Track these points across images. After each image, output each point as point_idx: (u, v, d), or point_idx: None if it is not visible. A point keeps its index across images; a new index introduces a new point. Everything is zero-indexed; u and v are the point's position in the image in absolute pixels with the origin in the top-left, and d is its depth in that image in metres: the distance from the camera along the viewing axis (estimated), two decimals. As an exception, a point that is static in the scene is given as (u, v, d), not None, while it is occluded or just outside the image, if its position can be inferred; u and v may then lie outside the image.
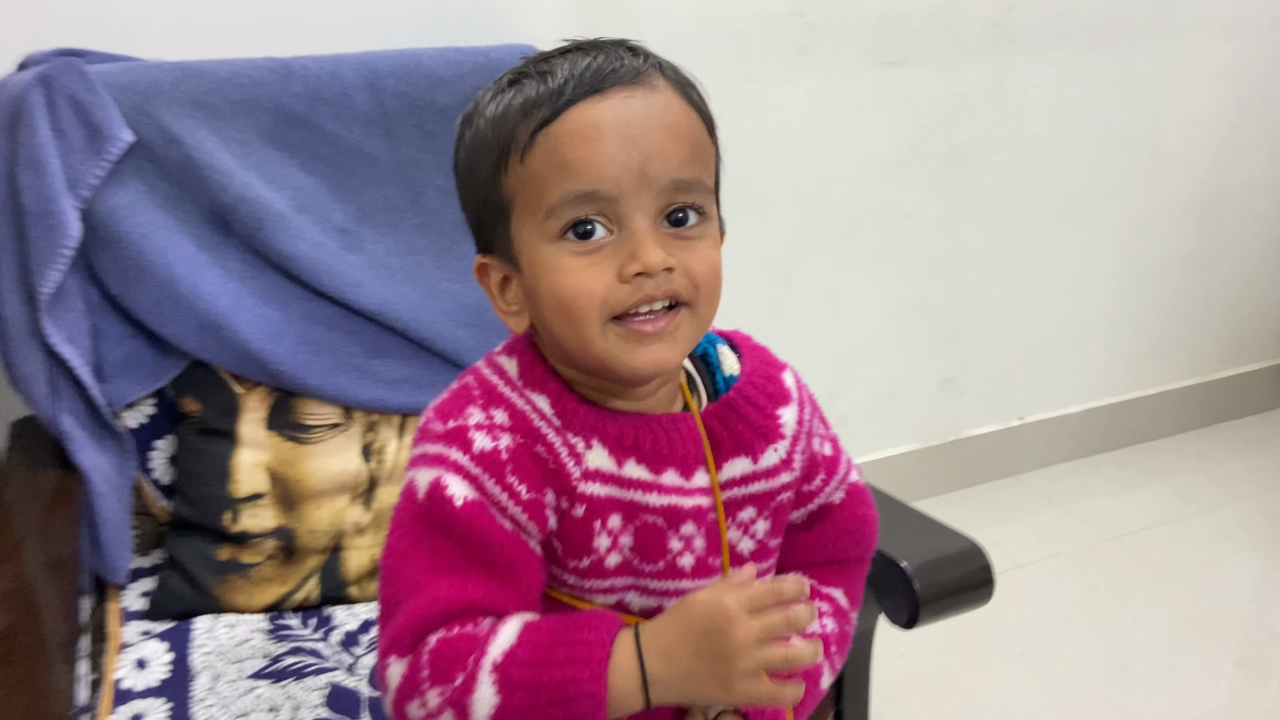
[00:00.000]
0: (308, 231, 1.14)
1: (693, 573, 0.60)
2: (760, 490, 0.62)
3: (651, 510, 0.58)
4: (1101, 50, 1.81)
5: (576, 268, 0.54)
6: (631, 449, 0.58)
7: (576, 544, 0.57)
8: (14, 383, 1.05)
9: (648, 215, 0.55)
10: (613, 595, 0.60)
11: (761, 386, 0.63)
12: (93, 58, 1.10)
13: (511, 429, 0.57)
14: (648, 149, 0.54)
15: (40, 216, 1.01)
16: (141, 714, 0.91)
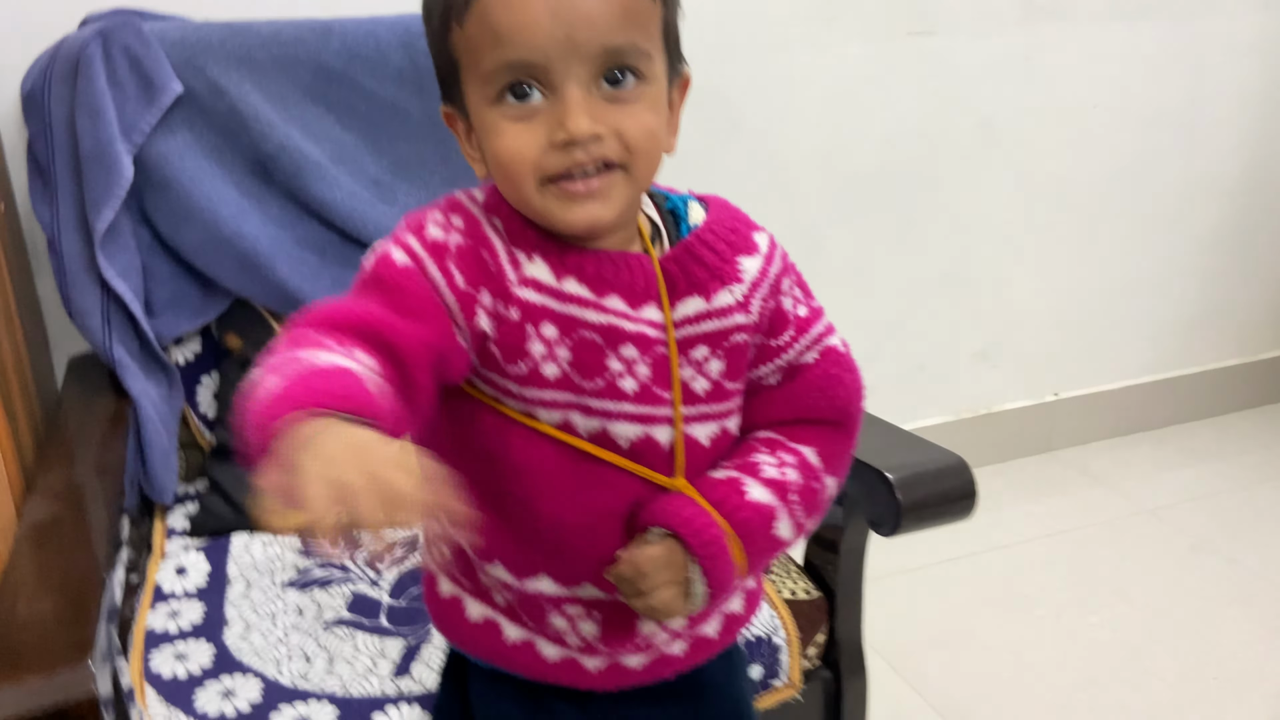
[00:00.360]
0: (344, 181, 1.21)
1: (635, 398, 0.62)
2: (713, 329, 0.64)
3: (589, 326, 0.61)
4: (1136, 22, 1.82)
5: (512, 132, 0.57)
6: (574, 269, 0.61)
7: (511, 347, 0.60)
8: (71, 315, 1.13)
9: (580, 82, 0.56)
10: (556, 411, 0.62)
11: (723, 235, 0.65)
12: (147, 16, 1.19)
13: (464, 231, 0.60)
14: (574, 18, 0.55)
15: (96, 159, 1.09)
16: (178, 611, 0.98)
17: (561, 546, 0.64)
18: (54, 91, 1.11)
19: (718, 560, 0.62)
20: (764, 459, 0.66)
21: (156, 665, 0.89)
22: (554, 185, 0.58)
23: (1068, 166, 1.88)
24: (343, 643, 0.93)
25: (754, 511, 0.64)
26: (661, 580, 0.62)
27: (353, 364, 0.53)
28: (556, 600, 0.66)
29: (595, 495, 0.64)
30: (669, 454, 0.64)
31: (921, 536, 1.79)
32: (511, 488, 0.63)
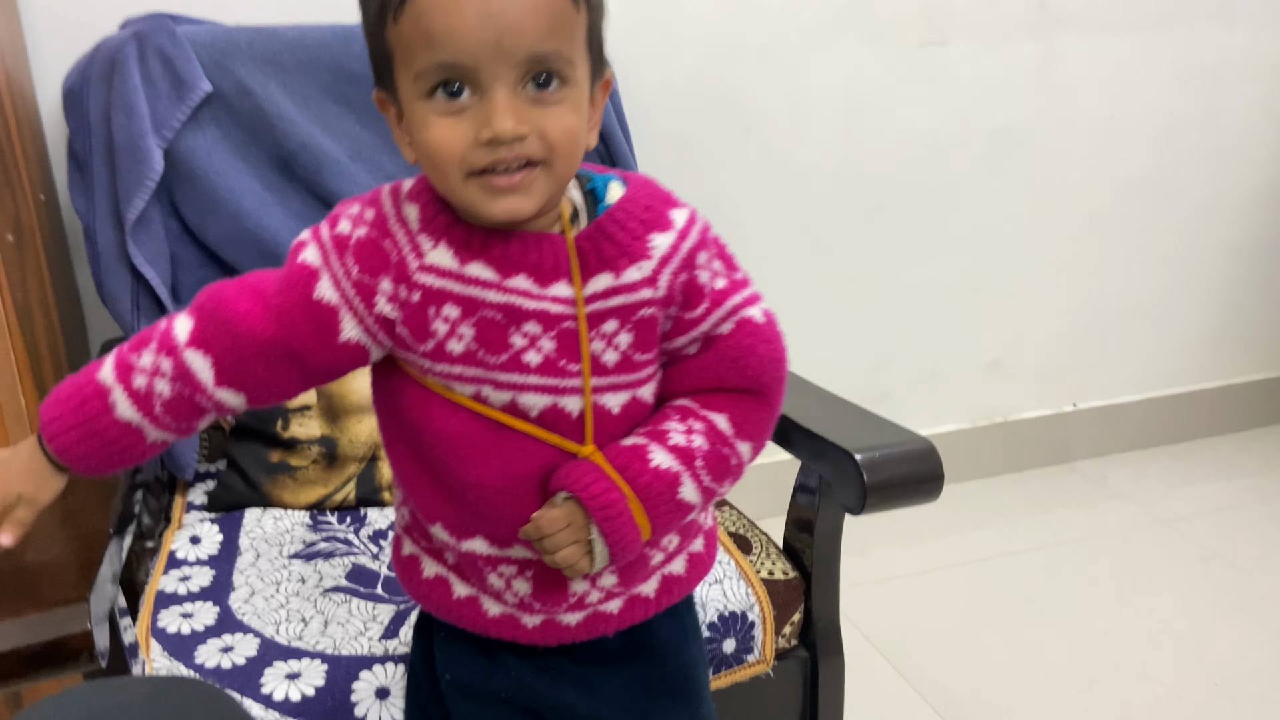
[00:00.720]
0: (361, 177, 1.27)
1: (539, 370, 0.67)
2: (621, 303, 0.67)
3: (490, 305, 0.65)
4: (1153, 33, 1.83)
5: (442, 126, 0.61)
6: (479, 252, 0.65)
7: (416, 327, 0.66)
8: (104, 299, 1.21)
9: (506, 84, 0.60)
10: (468, 385, 0.67)
11: (636, 214, 0.68)
12: (181, 20, 1.26)
13: (371, 223, 0.66)
14: (503, 24, 0.59)
15: (129, 151, 1.16)
16: (189, 576, 1.04)
17: (487, 509, 0.69)
18: (92, 89, 1.19)
19: (616, 522, 0.67)
20: (673, 426, 0.70)
21: (163, 622, 0.95)
22: (478, 178, 0.62)
23: (1085, 176, 1.90)
24: (338, 608, 0.98)
25: (655, 477, 0.68)
26: (564, 540, 0.67)
27: (116, 381, 0.67)
28: (491, 560, 0.72)
29: (512, 461, 0.68)
30: (579, 422, 0.68)
31: (933, 541, 1.83)
32: (438, 455, 0.69)
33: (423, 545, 0.76)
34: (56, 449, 0.67)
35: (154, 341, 0.67)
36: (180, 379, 0.66)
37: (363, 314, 0.66)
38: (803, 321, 1.79)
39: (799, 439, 0.97)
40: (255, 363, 0.66)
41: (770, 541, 1.09)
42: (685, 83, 1.59)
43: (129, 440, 0.68)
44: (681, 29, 1.56)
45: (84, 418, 0.67)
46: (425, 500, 0.71)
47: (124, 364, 0.67)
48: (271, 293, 0.67)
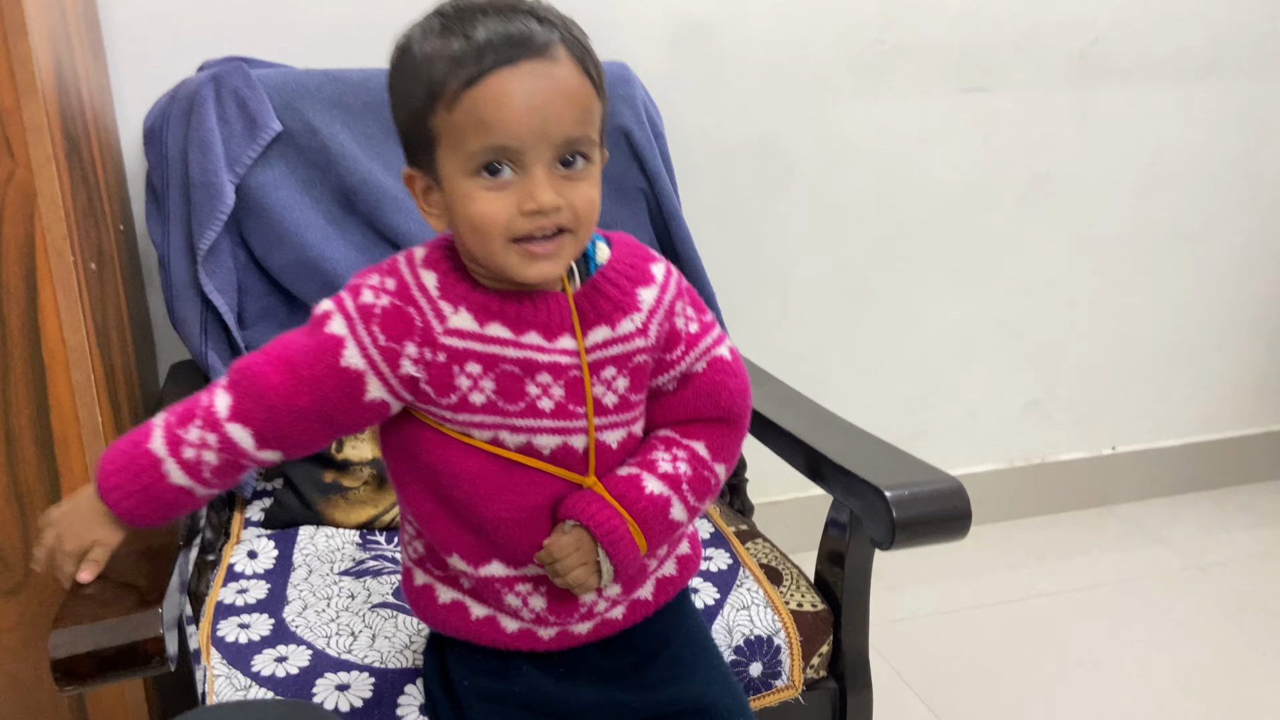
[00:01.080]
0: (416, 213, 1.33)
1: (552, 414, 0.76)
2: (618, 352, 0.77)
3: (508, 361, 0.75)
4: (1194, 82, 1.85)
5: (487, 199, 0.70)
6: (496, 314, 0.74)
7: (441, 384, 0.74)
8: (175, 324, 1.28)
9: (544, 163, 0.69)
10: (487, 430, 0.76)
11: (624, 271, 0.78)
12: (256, 64, 1.34)
13: (393, 293, 0.74)
14: (547, 114, 0.68)
15: (203, 186, 1.24)
16: (246, 589, 1.10)
17: (503, 538, 0.79)
18: (171, 127, 1.27)
19: (619, 544, 0.77)
20: (660, 456, 0.80)
21: (222, 631, 1.01)
22: (518, 245, 0.71)
23: (1124, 222, 1.92)
24: (385, 622, 1.03)
25: (650, 502, 0.78)
26: (575, 562, 0.77)
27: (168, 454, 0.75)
28: (508, 581, 0.81)
29: (525, 494, 0.78)
30: (584, 457, 0.78)
31: (969, 580, 1.84)
32: (456, 493, 0.78)
33: (437, 575, 0.85)
34: (118, 511, 0.76)
35: (198, 418, 0.76)
36: (225, 449, 0.75)
37: (387, 376, 0.74)
38: (842, 359, 1.83)
39: (831, 475, 1.01)
40: (290, 427, 0.75)
41: (801, 575, 1.12)
42: (730, 125, 1.64)
43: (182, 500, 0.77)
44: (727, 73, 1.62)
45: (140, 485, 0.76)
46: (442, 533, 0.80)
47: (173, 438, 0.76)
48: (301, 364, 0.74)
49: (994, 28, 1.71)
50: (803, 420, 1.11)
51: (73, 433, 1.07)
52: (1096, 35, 1.77)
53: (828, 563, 1.06)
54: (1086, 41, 1.77)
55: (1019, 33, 1.73)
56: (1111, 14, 1.77)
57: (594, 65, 0.72)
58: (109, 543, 0.79)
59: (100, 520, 0.78)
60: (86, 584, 0.80)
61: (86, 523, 0.79)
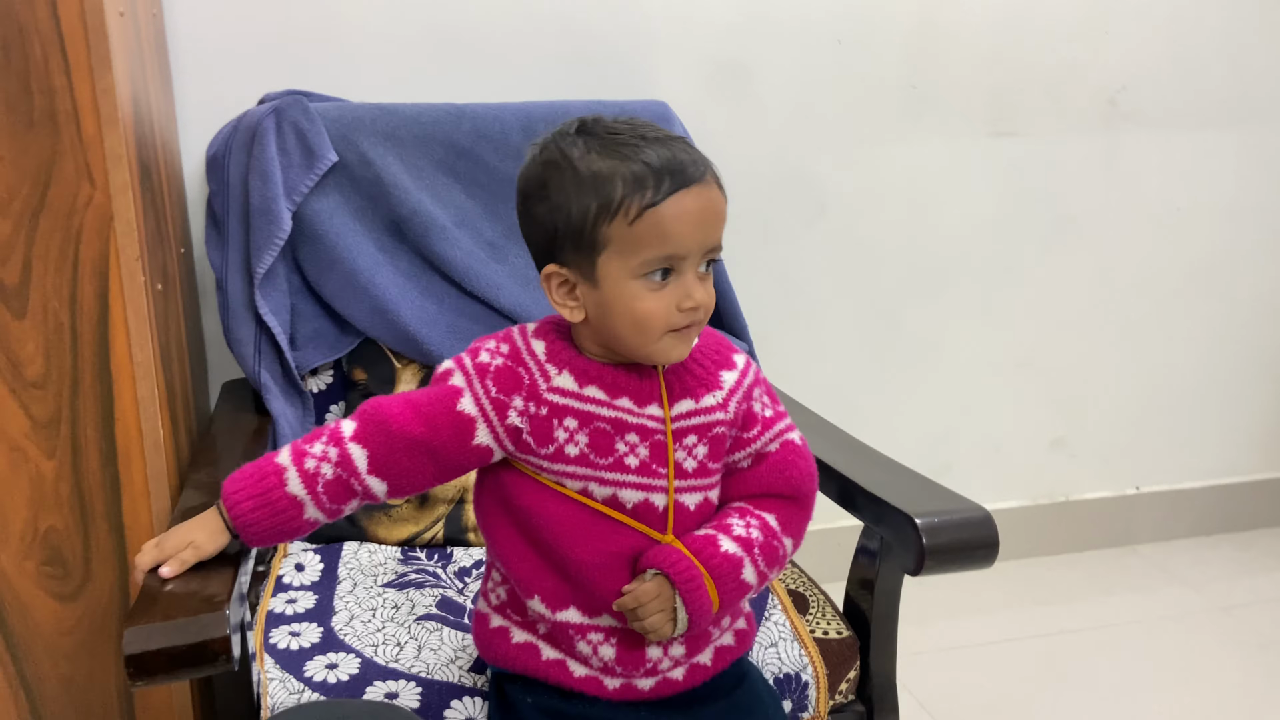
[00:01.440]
0: (464, 242, 1.38)
1: (637, 470, 0.85)
2: (700, 422, 0.87)
3: (602, 419, 0.85)
4: (1220, 128, 1.89)
5: (651, 299, 0.81)
6: (595, 379, 0.85)
7: (542, 435, 0.85)
8: (230, 344, 1.33)
9: (695, 267, 0.82)
10: (578, 481, 0.86)
11: (709, 355, 0.89)
12: (314, 97, 1.40)
13: (506, 355, 0.86)
14: (707, 229, 0.81)
15: (263, 213, 1.29)
16: (295, 599, 1.14)
17: (585, 581, 0.86)
18: (233, 156, 1.33)
19: (696, 595, 0.83)
20: (735, 521, 0.88)
21: (274, 639, 1.05)
22: (673, 334, 0.82)
23: (1150, 263, 1.95)
24: (430, 634, 1.07)
25: (724, 559, 0.85)
26: (655, 608, 0.84)
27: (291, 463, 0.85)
28: (582, 628, 0.88)
29: (609, 543, 0.86)
30: (663, 515, 0.87)
31: (993, 615, 1.86)
32: (546, 534, 0.86)
33: (515, 620, 0.92)
34: (234, 514, 0.85)
35: (325, 436, 0.86)
36: (341, 465, 0.84)
37: (495, 424, 0.85)
38: (871, 392, 1.86)
39: (863, 502, 1.04)
40: (401, 455, 0.84)
41: (828, 601, 1.15)
42: (764, 162, 1.69)
43: (291, 513, 0.85)
44: (762, 112, 1.67)
45: (261, 490, 0.84)
46: (528, 575, 0.88)
47: (298, 451, 0.86)
48: (423, 403, 0.85)
49: (1023, 73, 1.76)
50: (836, 449, 1.14)
51: (135, 446, 1.12)
52: (1124, 82, 1.81)
53: (858, 588, 1.09)
54: (1115, 88, 1.81)
55: (1048, 78, 1.78)
56: (1139, 61, 1.81)
57: (721, 182, 0.84)
58: (204, 548, 0.86)
59: (206, 524, 0.87)
60: (159, 583, 0.84)
61: (192, 526, 0.88)
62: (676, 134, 0.85)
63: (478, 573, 1.23)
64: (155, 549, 0.87)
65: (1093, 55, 1.79)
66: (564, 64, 1.55)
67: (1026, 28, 1.74)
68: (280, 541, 0.89)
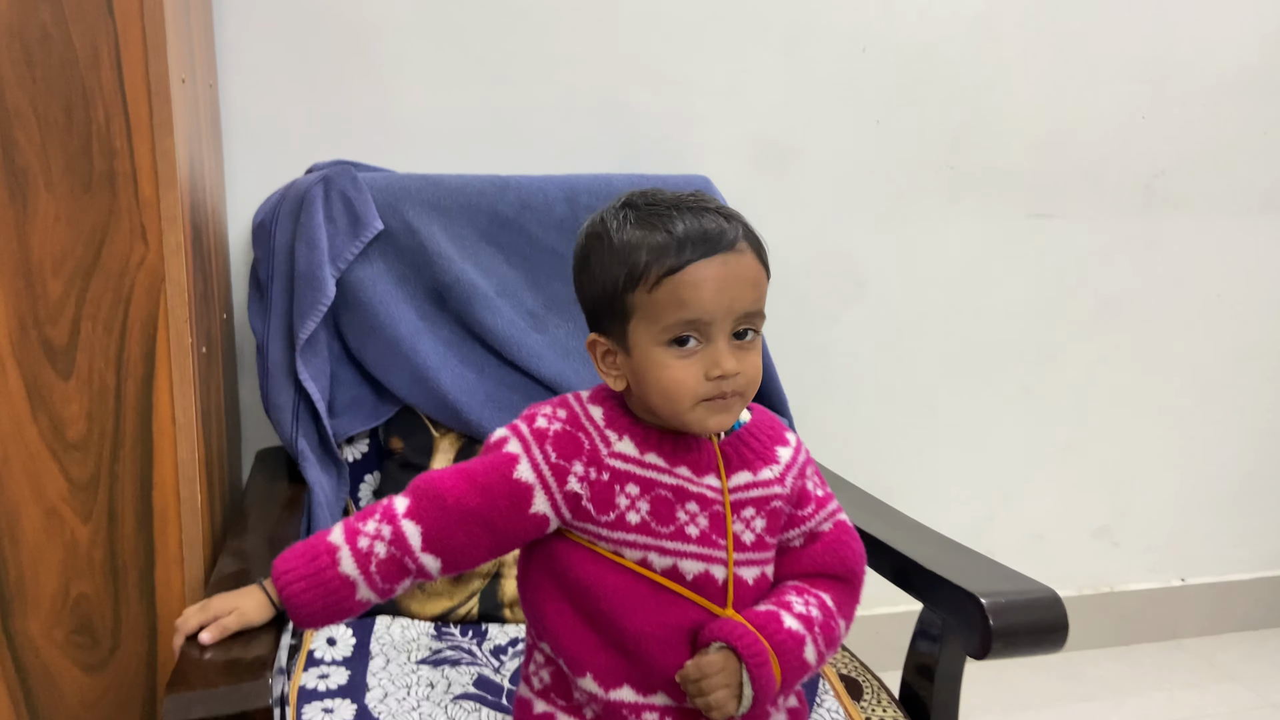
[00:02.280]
0: (505, 312, 1.37)
1: (698, 541, 0.83)
2: (758, 495, 0.86)
3: (663, 486, 0.83)
4: (1260, 214, 1.88)
5: (677, 367, 0.80)
6: (655, 446, 0.84)
7: (602, 500, 0.83)
8: (268, 409, 1.31)
9: (725, 334, 0.80)
10: (638, 550, 0.83)
11: (765, 431, 0.89)
12: (361, 167, 1.41)
13: (565, 420, 0.85)
14: (733, 295, 0.79)
15: (307, 279, 1.29)
16: (327, 675, 1.10)
17: (642, 654, 0.83)
18: (280, 223, 1.33)
19: (762, 671, 0.80)
20: (794, 599, 0.86)
21: (308, 715, 1.01)
22: (704, 403, 0.81)
23: (1192, 349, 1.92)
24: (469, 715, 1.02)
25: (789, 636, 0.82)
26: (719, 682, 0.80)
27: (344, 542, 0.83)
28: (636, 708, 0.84)
29: (668, 615, 0.83)
30: (722, 588, 0.84)
31: (1039, 712, 1.80)
32: (603, 607, 0.83)
33: (560, 704, 0.88)
34: (285, 595, 0.82)
35: (378, 514, 0.84)
36: (395, 543, 0.82)
37: (554, 490, 0.83)
38: (909, 475, 1.83)
39: (920, 581, 1.00)
40: (457, 529, 0.82)
41: (883, 687, 1.10)
42: (805, 240, 1.69)
43: (343, 594, 0.82)
44: (804, 191, 1.67)
45: (314, 570, 0.82)
46: (579, 651, 0.84)
47: (351, 530, 0.84)
48: (477, 473, 0.84)
49: (1061, 157, 1.76)
50: (889, 527, 1.11)
51: (172, 510, 1.09)
52: (1163, 167, 1.81)
53: (916, 675, 1.05)
54: (1153, 173, 1.81)
55: (1085, 162, 1.78)
56: (1177, 147, 1.81)
57: (764, 252, 0.83)
58: (249, 617, 0.84)
59: (252, 595, 0.85)
60: (197, 650, 0.81)
61: (239, 594, 0.86)
62: (721, 204, 0.85)
63: (514, 651, 1.18)
64: (200, 612, 0.85)
65: (1129, 140, 1.79)
66: (609, 139, 1.56)
67: (1064, 110, 1.75)
68: (331, 623, 0.86)
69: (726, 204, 0.87)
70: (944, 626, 1.00)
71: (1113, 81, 1.76)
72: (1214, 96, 1.81)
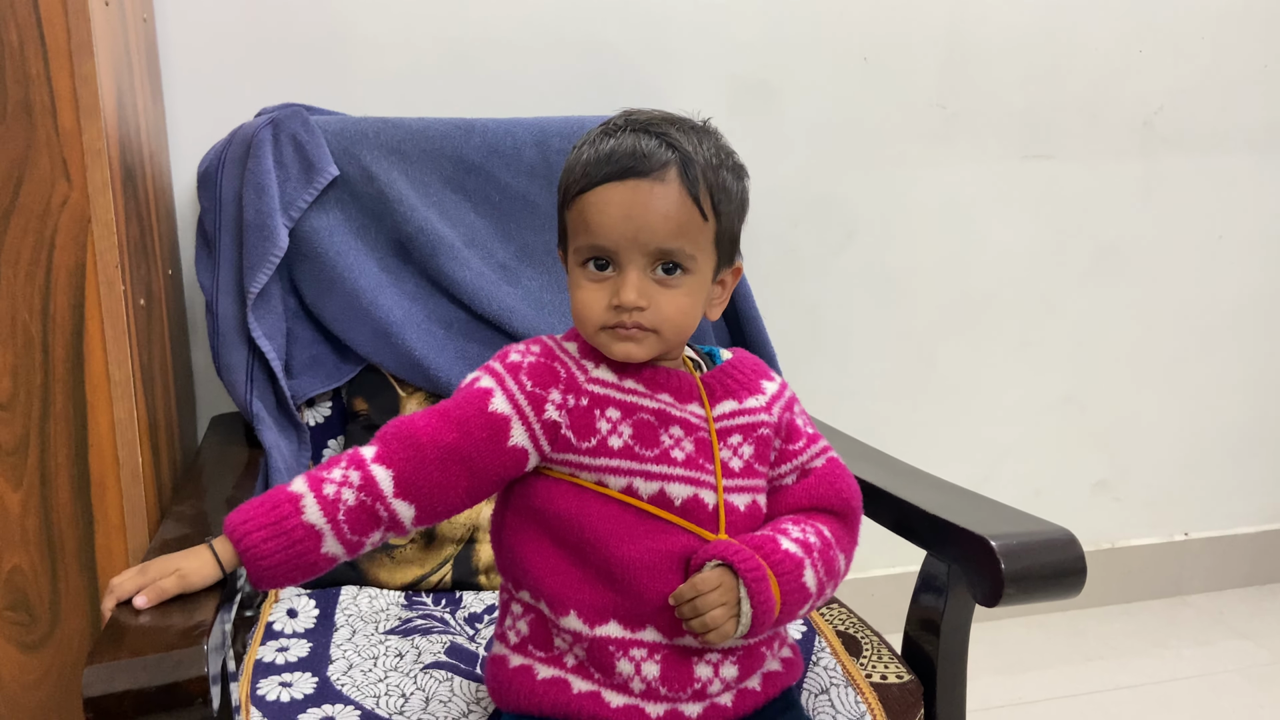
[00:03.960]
0: (474, 263, 1.29)
1: (684, 464, 0.79)
2: (744, 422, 0.83)
3: (645, 410, 0.80)
4: (1262, 152, 1.81)
5: (587, 289, 0.78)
6: (633, 374, 0.80)
7: (582, 426, 0.78)
8: (219, 370, 1.22)
9: (638, 265, 0.76)
10: (622, 477, 0.78)
11: (748, 366, 0.86)
12: (314, 111, 1.32)
13: (538, 354, 0.81)
14: (639, 225, 0.75)
15: (257, 228, 1.20)
16: (286, 648, 1.02)
17: (630, 583, 0.77)
18: (227, 170, 1.24)
19: (761, 585, 0.75)
20: (791, 526, 0.81)
21: (262, 690, 0.92)
22: (606, 330, 0.78)
23: (1193, 296, 1.85)
24: (440, 685, 0.94)
25: (786, 557, 0.77)
26: (716, 600, 0.75)
27: (308, 489, 0.76)
28: (623, 643, 0.78)
29: (657, 541, 0.78)
30: (714, 514, 0.79)
31: (1042, 671, 1.72)
32: (588, 536, 0.78)
33: (538, 655, 0.80)
34: (243, 547, 0.74)
35: (344, 461, 0.77)
36: (365, 489, 0.75)
37: (532, 421, 0.78)
38: (903, 430, 1.75)
39: (924, 527, 0.93)
40: (433, 469, 0.76)
41: (883, 642, 1.03)
42: (790, 188, 1.61)
43: (308, 545, 0.75)
44: (788, 134, 1.59)
45: (275, 519, 0.75)
46: (562, 589, 0.78)
47: (315, 477, 0.77)
48: (450, 409, 0.78)
49: (1056, 94, 1.68)
50: (888, 474, 1.04)
51: (111, 476, 1.01)
52: (1161, 104, 1.74)
53: (920, 629, 0.97)
54: (1151, 110, 1.74)
55: (1081, 100, 1.70)
56: (1175, 82, 1.74)
57: (708, 190, 0.78)
58: (190, 580, 0.76)
59: (197, 556, 0.77)
60: (130, 616, 0.73)
61: (182, 555, 0.77)
62: (692, 126, 0.81)
63: (489, 618, 1.10)
64: (138, 574, 0.76)
65: (1127, 76, 1.71)
66: (581, 80, 1.48)
67: (1059, 45, 1.67)
68: (294, 581, 0.77)
69: (714, 136, 0.82)
70: (950, 576, 0.92)
71: (1107, 13, 1.68)
72: (1212, 29, 1.73)
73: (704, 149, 0.79)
